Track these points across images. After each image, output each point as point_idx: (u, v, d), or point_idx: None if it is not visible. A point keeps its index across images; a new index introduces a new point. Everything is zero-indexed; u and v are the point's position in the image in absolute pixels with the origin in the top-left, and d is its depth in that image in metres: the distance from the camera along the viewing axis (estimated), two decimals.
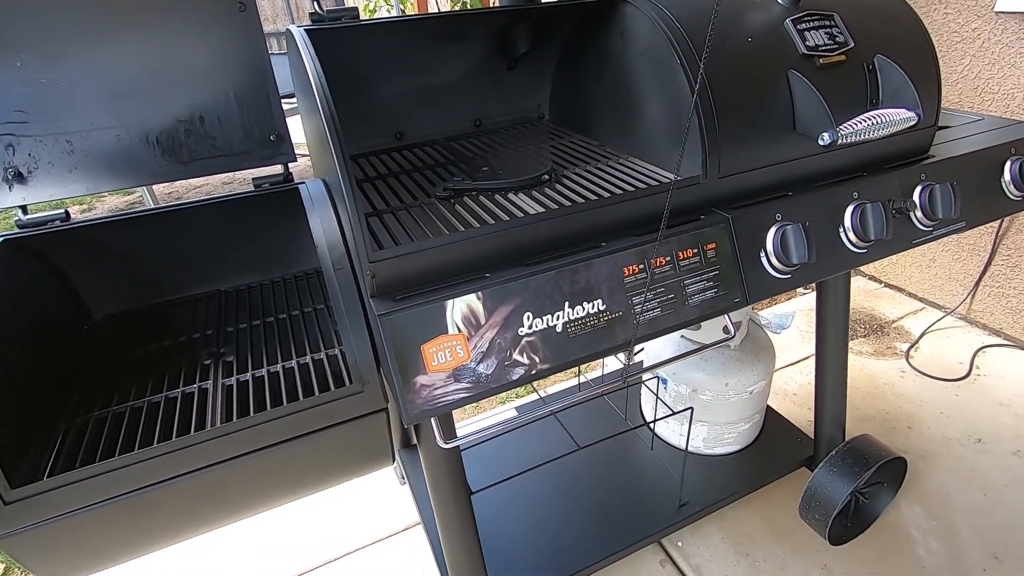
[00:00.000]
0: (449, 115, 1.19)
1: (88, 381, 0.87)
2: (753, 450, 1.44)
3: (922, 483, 1.46)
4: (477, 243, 0.74)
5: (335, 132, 0.70)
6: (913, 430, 1.62)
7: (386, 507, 1.51)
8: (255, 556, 1.42)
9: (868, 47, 0.94)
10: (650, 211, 0.84)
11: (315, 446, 0.77)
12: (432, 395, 0.69)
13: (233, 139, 0.96)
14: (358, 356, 0.75)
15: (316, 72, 0.73)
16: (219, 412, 0.79)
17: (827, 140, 0.85)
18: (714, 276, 0.83)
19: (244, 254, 1.07)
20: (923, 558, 1.29)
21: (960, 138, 1.08)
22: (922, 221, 0.96)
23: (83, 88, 0.87)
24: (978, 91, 1.81)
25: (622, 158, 1.01)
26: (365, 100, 1.10)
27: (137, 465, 0.68)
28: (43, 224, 0.88)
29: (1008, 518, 1.35)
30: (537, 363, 0.74)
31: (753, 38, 0.88)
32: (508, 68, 1.18)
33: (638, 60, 0.93)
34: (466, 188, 0.91)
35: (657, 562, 1.34)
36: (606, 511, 1.29)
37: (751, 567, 1.30)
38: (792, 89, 0.88)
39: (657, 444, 1.46)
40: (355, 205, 0.68)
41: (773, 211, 0.87)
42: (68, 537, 0.69)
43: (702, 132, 0.83)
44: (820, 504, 1.23)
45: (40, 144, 0.87)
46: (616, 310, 0.77)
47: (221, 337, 0.96)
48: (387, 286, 0.71)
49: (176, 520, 0.77)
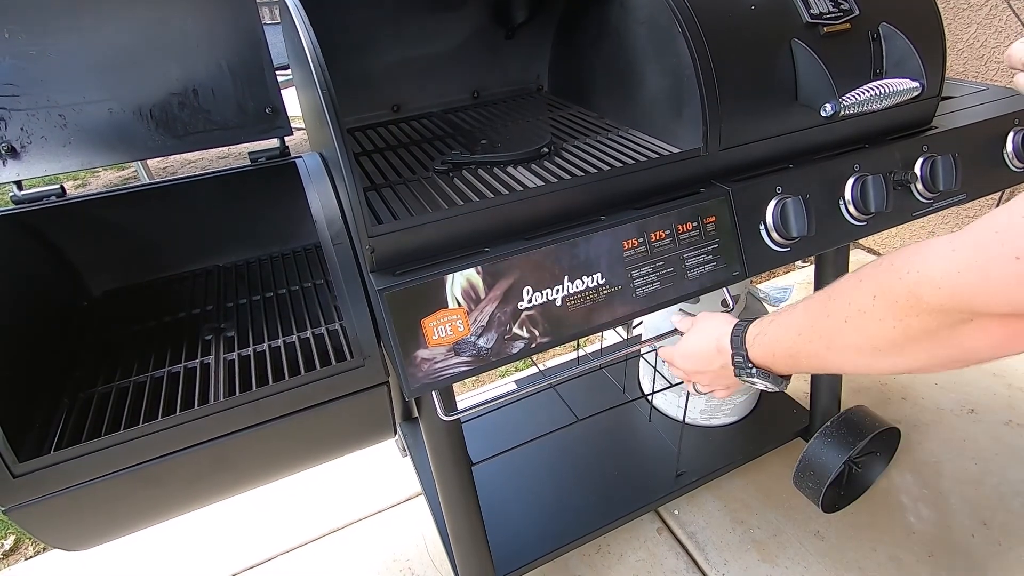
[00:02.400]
0: (446, 86, 1.18)
1: (89, 357, 0.88)
2: (749, 421, 1.46)
3: (914, 452, 1.48)
4: (476, 217, 0.74)
5: (331, 104, 0.69)
6: (907, 401, 1.64)
7: (388, 479, 1.54)
8: (260, 527, 1.45)
9: (873, 15, 0.92)
10: (650, 184, 0.83)
11: (317, 419, 0.78)
12: (432, 369, 0.70)
13: (227, 112, 0.95)
14: (358, 331, 0.75)
15: (311, 42, 0.72)
16: (222, 386, 0.80)
17: (830, 111, 0.84)
18: (713, 249, 0.83)
19: (242, 229, 1.06)
20: (913, 524, 1.32)
21: (963, 108, 1.06)
22: (923, 193, 0.95)
23: (74, 60, 0.86)
24: (983, 60, 1.78)
25: (622, 130, 1.00)
26: (361, 71, 1.08)
27: (142, 439, 0.69)
28: (39, 200, 0.87)
29: (998, 486, 1.38)
30: (537, 336, 0.74)
31: (756, 5, 0.86)
32: (506, 37, 1.16)
33: (638, 29, 0.91)
34: (465, 162, 0.91)
35: (654, 530, 1.37)
36: (604, 481, 1.32)
37: (745, 534, 1.33)
38: (795, 59, 0.87)
39: (655, 416, 1.48)
40: (354, 180, 0.67)
41: (773, 184, 0.86)
42: (76, 509, 0.71)
43: (703, 103, 0.82)
44: (814, 473, 1.25)
45: (32, 118, 0.86)
46: (616, 284, 0.77)
47: (221, 312, 0.96)
48: (387, 261, 0.71)
49: (182, 492, 0.78)
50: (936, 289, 0.46)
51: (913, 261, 0.48)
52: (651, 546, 1.34)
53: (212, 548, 1.42)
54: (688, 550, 1.32)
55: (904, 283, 0.48)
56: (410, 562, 1.35)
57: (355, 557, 1.37)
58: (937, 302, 0.46)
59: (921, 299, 0.47)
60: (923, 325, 0.48)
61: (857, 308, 0.54)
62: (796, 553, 1.28)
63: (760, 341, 0.70)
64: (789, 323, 0.65)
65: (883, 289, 0.51)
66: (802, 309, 0.63)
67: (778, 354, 0.68)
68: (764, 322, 0.70)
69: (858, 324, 0.54)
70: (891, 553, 1.26)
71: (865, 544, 1.29)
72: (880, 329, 0.52)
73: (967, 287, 0.43)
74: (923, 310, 0.48)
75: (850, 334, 0.56)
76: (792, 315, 0.65)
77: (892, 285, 0.50)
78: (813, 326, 0.61)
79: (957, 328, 0.47)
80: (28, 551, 1.50)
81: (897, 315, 0.50)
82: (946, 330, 0.48)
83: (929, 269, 0.46)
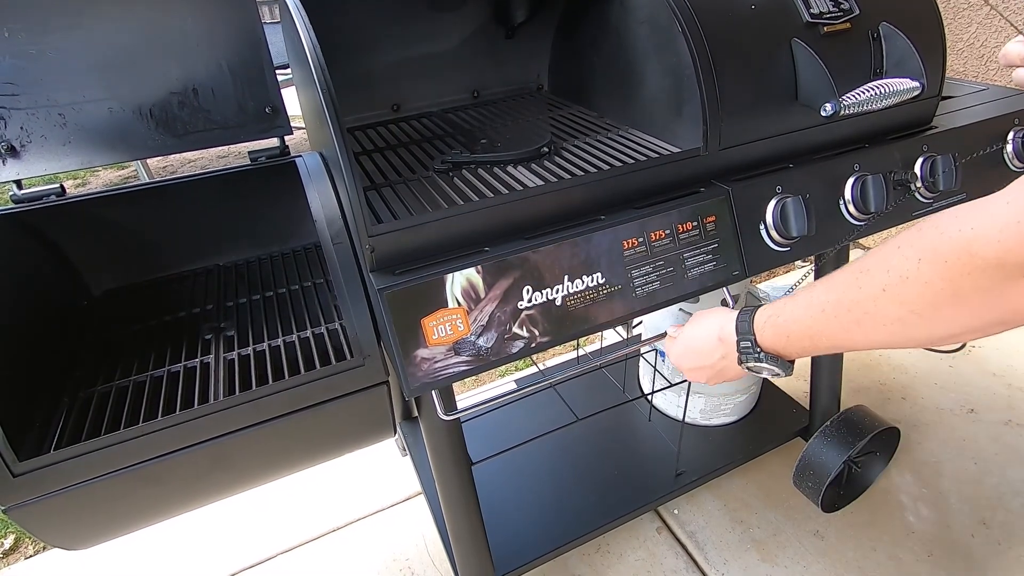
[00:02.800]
0: (446, 86, 1.17)
1: (89, 356, 0.88)
2: (749, 421, 1.46)
3: (914, 452, 1.48)
4: (476, 217, 0.74)
5: (331, 104, 0.69)
6: (907, 400, 1.64)
7: (388, 478, 1.54)
8: (260, 526, 1.45)
9: (874, 14, 0.92)
10: (650, 184, 0.83)
11: (317, 419, 0.78)
12: (432, 368, 0.70)
13: (227, 111, 0.95)
14: (358, 330, 0.75)
15: (311, 41, 0.72)
16: (222, 386, 0.80)
17: (830, 111, 0.84)
18: (713, 249, 0.83)
19: (242, 228, 1.06)
20: (912, 524, 1.32)
21: (964, 108, 1.06)
22: (922, 193, 0.95)
23: (74, 59, 0.86)
24: (983, 60, 1.78)
25: (622, 130, 1.00)
26: (361, 70, 1.08)
27: (142, 438, 0.69)
28: (38, 199, 0.87)
29: (997, 486, 1.38)
30: (537, 336, 0.74)
31: (756, 5, 0.86)
32: (506, 37, 1.16)
33: (638, 29, 0.91)
34: (464, 161, 0.91)
35: (654, 529, 1.37)
36: (604, 481, 1.32)
37: (745, 533, 1.33)
38: (795, 58, 0.87)
39: (655, 415, 1.48)
40: (353, 179, 0.67)
41: (773, 183, 0.86)
42: (76, 508, 0.71)
43: (703, 103, 0.82)
44: (813, 473, 1.25)
45: (32, 117, 0.86)
46: (615, 283, 0.77)
47: (221, 312, 0.96)
48: (386, 260, 0.71)
49: (182, 491, 0.78)
50: (995, 243, 0.44)
51: (966, 218, 0.47)
52: (651, 546, 1.34)
53: (212, 547, 1.42)
54: (688, 549, 1.32)
55: (956, 241, 0.47)
56: (410, 561, 1.35)
57: (355, 556, 1.37)
58: (995, 256, 0.45)
59: (976, 255, 0.46)
60: (975, 283, 0.47)
61: (899, 275, 0.52)
62: (796, 552, 1.29)
63: (773, 323, 0.67)
64: (810, 301, 0.63)
65: (930, 251, 0.49)
66: (824, 287, 0.61)
67: (793, 335, 0.65)
68: (778, 304, 0.68)
69: (899, 291, 0.53)
70: (891, 553, 1.27)
71: (865, 544, 1.29)
72: (925, 293, 0.51)
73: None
74: (976, 267, 0.46)
75: (887, 304, 0.54)
76: (812, 293, 0.63)
77: (941, 245, 0.48)
78: (840, 300, 0.59)
79: (1011, 284, 0.46)
80: (28, 550, 1.50)
81: (946, 276, 0.48)
82: (999, 287, 0.46)
83: (984, 224, 0.45)
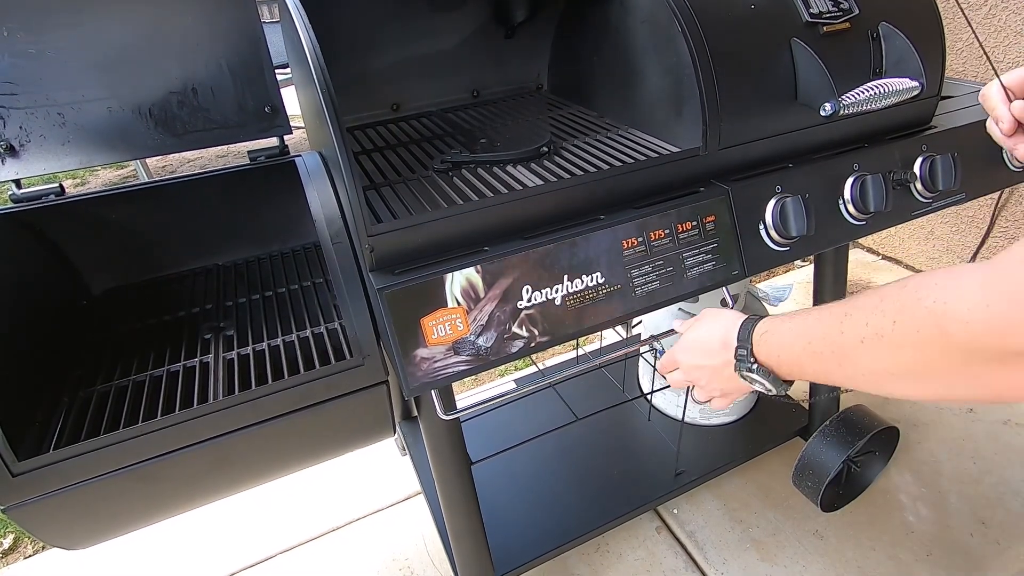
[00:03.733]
0: (446, 85, 1.17)
1: (89, 356, 0.88)
2: (749, 420, 1.46)
3: (913, 451, 1.48)
4: (476, 216, 0.74)
5: (331, 103, 0.69)
6: (906, 400, 1.64)
7: (387, 478, 1.54)
8: (260, 525, 1.45)
9: (873, 14, 0.92)
10: (650, 183, 0.83)
11: (316, 418, 0.78)
12: (432, 368, 0.70)
13: (227, 111, 0.95)
14: (358, 330, 0.75)
15: (311, 41, 0.72)
16: (221, 385, 0.80)
17: (829, 110, 0.84)
18: (713, 248, 0.83)
19: (241, 228, 1.06)
20: (912, 523, 1.32)
21: (963, 108, 1.06)
22: (922, 193, 0.95)
23: (73, 58, 0.85)
24: (983, 60, 1.78)
25: (621, 130, 1.00)
26: (361, 70, 1.08)
27: (142, 437, 0.69)
28: (38, 199, 0.87)
29: (996, 485, 1.38)
30: (536, 336, 0.74)
31: (756, 5, 0.86)
32: (506, 36, 1.16)
33: (638, 28, 0.91)
34: (464, 161, 0.90)
35: (653, 529, 1.37)
36: (604, 480, 1.32)
37: (744, 533, 1.34)
38: (795, 58, 0.87)
39: (654, 415, 1.48)
40: (353, 179, 0.67)
41: (773, 183, 0.86)
42: (75, 507, 0.71)
43: (703, 103, 0.82)
44: (813, 472, 1.26)
45: (31, 116, 0.85)
46: (615, 283, 0.77)
47: (221, 311, 0.96)
48: (386, 260, 0.71)
49: (182, 491, 0.78)
50: (963, 324, 0.41)
51: (938, 290, 0.43)
52: (650, 545, 1.34)
53: (212, 547, 1.42)
54: (687, 549, 1.32)
55: (930, 312, 0.43)
56: (409, 561, 1.35)
57: (354, 556, 1.37)
58: (965, 339, 0.41)
59: (946, 332, 0.42)
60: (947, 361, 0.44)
61: (875, 331, 0.49)
62: (795, 552, 1.29)
63: (767, 340, 0.66)
64: (800, 330, 0.61)
65: (906, 315, 0.46)
66: (816, 318, 0.58)
67: (783, 359, 0.64)
68: (775, 322, 0.66)
69: (874, 347, 0.49)
70: (890, 552, 1.27)
71: (864, 543, 1.29)
72: (897, 357, 0.47)
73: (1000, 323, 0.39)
74: (948, 344, 0.43)
75: (865, 356, 0.51)
76: (805, 322, 0.60)
77: (916, 312, 0.45)
78: (825, 339, 0.56)
79: (989, 367, 0.42)
80: (27, 550, 1.50)
81: (918, 345, 0.45)
82: (976, 367, 0.42)
83: (956, 301, 0.41)
